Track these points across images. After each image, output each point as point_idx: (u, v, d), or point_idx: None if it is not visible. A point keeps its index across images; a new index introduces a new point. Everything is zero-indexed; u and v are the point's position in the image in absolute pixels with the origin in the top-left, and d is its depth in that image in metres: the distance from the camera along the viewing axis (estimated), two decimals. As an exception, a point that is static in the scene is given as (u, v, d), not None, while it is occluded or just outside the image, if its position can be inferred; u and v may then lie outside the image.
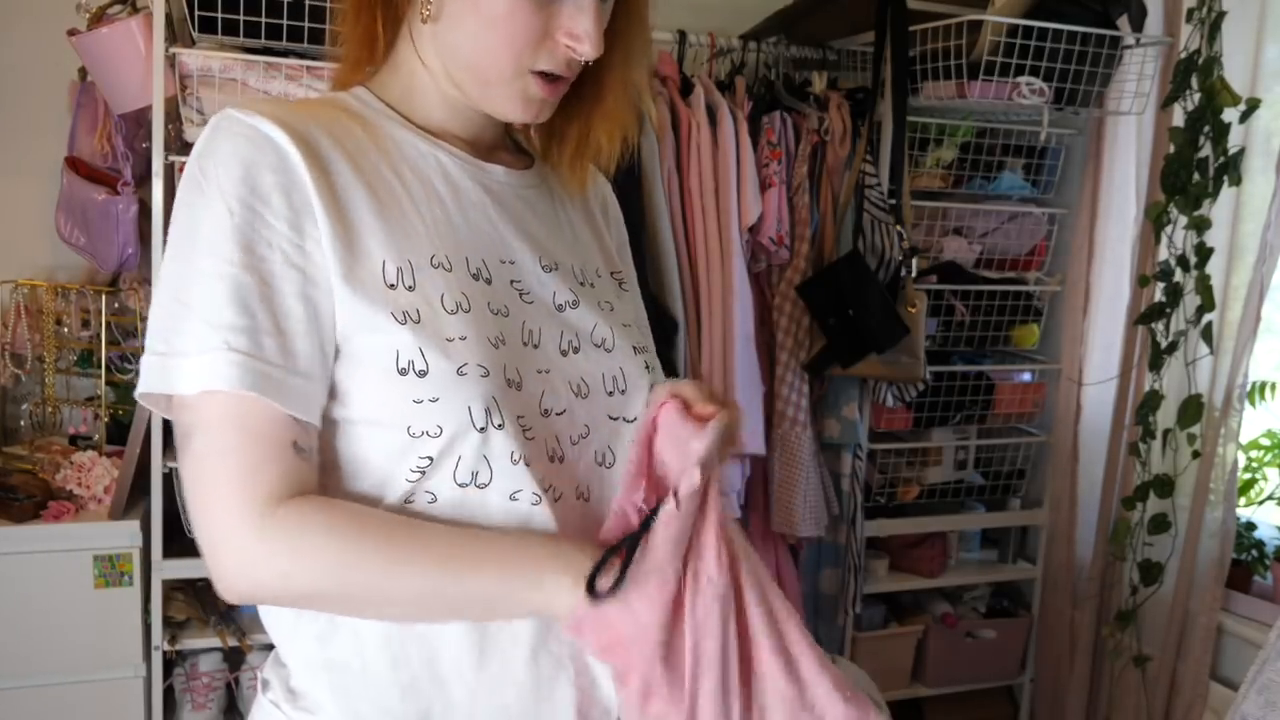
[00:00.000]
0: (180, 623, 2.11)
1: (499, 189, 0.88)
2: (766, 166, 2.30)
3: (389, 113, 0.87)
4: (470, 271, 0.82)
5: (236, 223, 0.74)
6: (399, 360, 0.77)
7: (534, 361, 0.83)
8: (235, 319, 0.73)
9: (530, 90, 0.83)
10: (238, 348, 0.73)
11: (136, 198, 2.11)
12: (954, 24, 2.19)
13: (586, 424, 0.86)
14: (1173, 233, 2.38)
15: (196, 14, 1.85)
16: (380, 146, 0.84)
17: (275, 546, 0.73)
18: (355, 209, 0.79)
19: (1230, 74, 2.27)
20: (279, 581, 0.74)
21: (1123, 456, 2.56)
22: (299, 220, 0.76)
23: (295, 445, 0.75)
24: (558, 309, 0.87)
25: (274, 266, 0.75)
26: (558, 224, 0.93)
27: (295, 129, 0.78)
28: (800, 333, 2.38)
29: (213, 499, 0.73)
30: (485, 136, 0.91)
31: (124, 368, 2.26)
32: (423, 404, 0.76)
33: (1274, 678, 1.86)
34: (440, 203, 0.84)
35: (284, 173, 0.76)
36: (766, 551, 2.49)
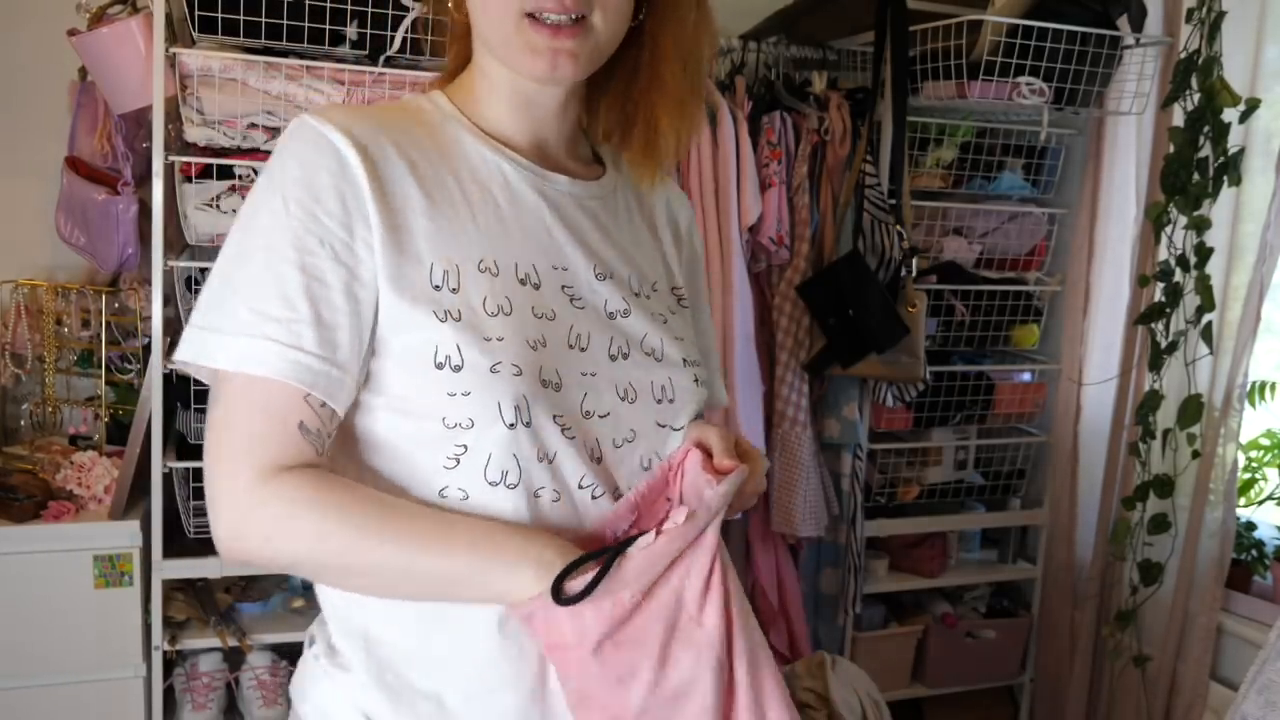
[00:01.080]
0: (180, 623, 2.11)
1: (558, 197, 0.91)
2: (766, 166, 2.30)
3: (459, 117, 0.90)
4: (518, 276, 0.85)
5: (291, 219, 0.79)
6: (437, 354, 0.80)
7: (579, 364, 0.86)
8: (274, 309, 0.78)
9: (533, 40, 0.83)
10: (271, 336, 0.77)
11: (136, 198, 2.11)
12: (954, 24, 2.19)
13: (633, 428, 0.88)
14: (1173, 233, 2.38)
15: (196, 14, 1.85)
16: (445, 153, 0.87)
17: (263, 513, 0.77)
18: (409, 213, 0.83)
19: (1230, 74, 2.27)
20: (263, 545, 0.78)
21: (1123, 456, 2.56)
22: (350, 221, 0.80)
23: (302, 425, 0.79)
24: (609, 316, 0.90)
25: (322, 262, 0.79)
26: (619, 235, 0.95)
27: (359, 136, 0.82)
28: (800, 333, 2.38)
29: (219, 464, 0.79)
30: (551, 143, 0.93)
31: (124, 368, 2.26)
32: (456, 397, 0.80)
33: (1274, 678, 1.86)
34: (496, 209, 0.87)
35: (341, 176, 0.80)
36: (766, 551, 2.49)
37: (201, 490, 2.00)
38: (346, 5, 1.91)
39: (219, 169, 1.94)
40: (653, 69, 0.90)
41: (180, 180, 1.94)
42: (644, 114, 0.92)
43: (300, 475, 0.78)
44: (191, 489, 2.02)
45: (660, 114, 0.91)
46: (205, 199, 1.95)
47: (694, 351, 0.96)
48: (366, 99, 1.95)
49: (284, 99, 1.93)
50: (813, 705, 2.33)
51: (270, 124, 1.94)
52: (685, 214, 1.06)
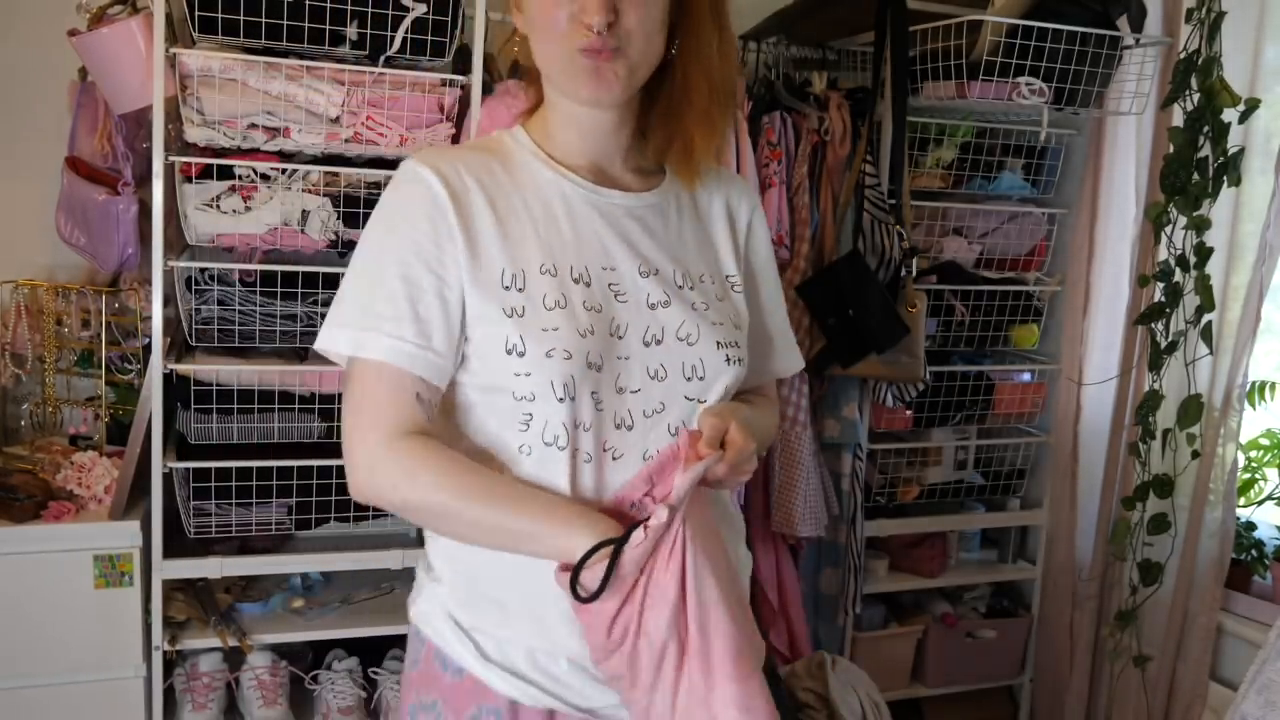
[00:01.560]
0: (180, 623, 2.11)
1: (609, 209, 1.11)
2: (766, 166, 2.30)
3: (532, 147, 1.12)
4: (573, 276, 1.06)
5: (394, 240, 1.05)
6: (507, 343, 1.03)
7: (617, 349, 1.06)
8: (381, 308, 1.03)
9: (580, 64, 1.03)
10: (378, 329, 1.02)
11: (137, 198, 2.11)
12: (954, 24, 2.19)
13: (662, 401, 1.08)
14: (1172, 233, 2.38)
15: (196, 14, 1.85)
16: (515, 179, 1.10)
17: (391, 466, 1.02)
18: (483, 231, 1.06)
19: (1230, 74, 2.27)
20: (389, 491, 1.03)
21: (1123, 456, 2.56)
22: (439, 240, 1.04)
23: (418, 397, 1.04)
24: (650, 307, 1.09)
25: (417, 272, 1.03)
26: (668, 236, 1.14)
27: (445, 173, 1.06)
28: (800, 333, 2.38)
29: (356, 427, 1.04)
30: (609, 161, 1.13)
31: (124, 368, 2.26)
32: (520, 376, 1.03)
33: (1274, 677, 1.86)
34: (555, 221, 1.09)
35: (433, 206, 1.04)
36: (766, 551, 2.49)
37: (200, 490, 2.01)
38: (346, 5, 1.91)
39: (219, 169, 1.94)
40: (685, 94, 1.09)
41: (180, 180, 1.94)
42: (681, 131, 1.10)
43: (420, 441, 1.02)
44: (192, 489, 2.02)
45: (693, 131, 1.10)
46: (205, 199, 1.95)
47: (732, 334, 1.13)
48: (366, 99, 1.96)
49: (284, 99, 1.93)
50: (813, 705, 2.33)
51: (270, 124, 1.94)
52: (746, 204, 1.24)
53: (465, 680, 1.10)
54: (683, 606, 0.97)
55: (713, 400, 1.11)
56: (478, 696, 1.09)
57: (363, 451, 1.03)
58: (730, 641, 0.98)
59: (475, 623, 1.10)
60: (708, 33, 1.09)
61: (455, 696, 1.11)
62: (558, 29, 1.03)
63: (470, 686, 1.10)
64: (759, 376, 1.25)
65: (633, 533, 0.96)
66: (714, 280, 1.16)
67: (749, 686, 0.98)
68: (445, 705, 1.11)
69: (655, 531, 0.96)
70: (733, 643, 0.98)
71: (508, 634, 1.09)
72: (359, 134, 1.97)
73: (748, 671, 0.98)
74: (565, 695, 1.08)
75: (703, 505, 1.01)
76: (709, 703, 0.97)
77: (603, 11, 1.00)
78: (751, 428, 1.07)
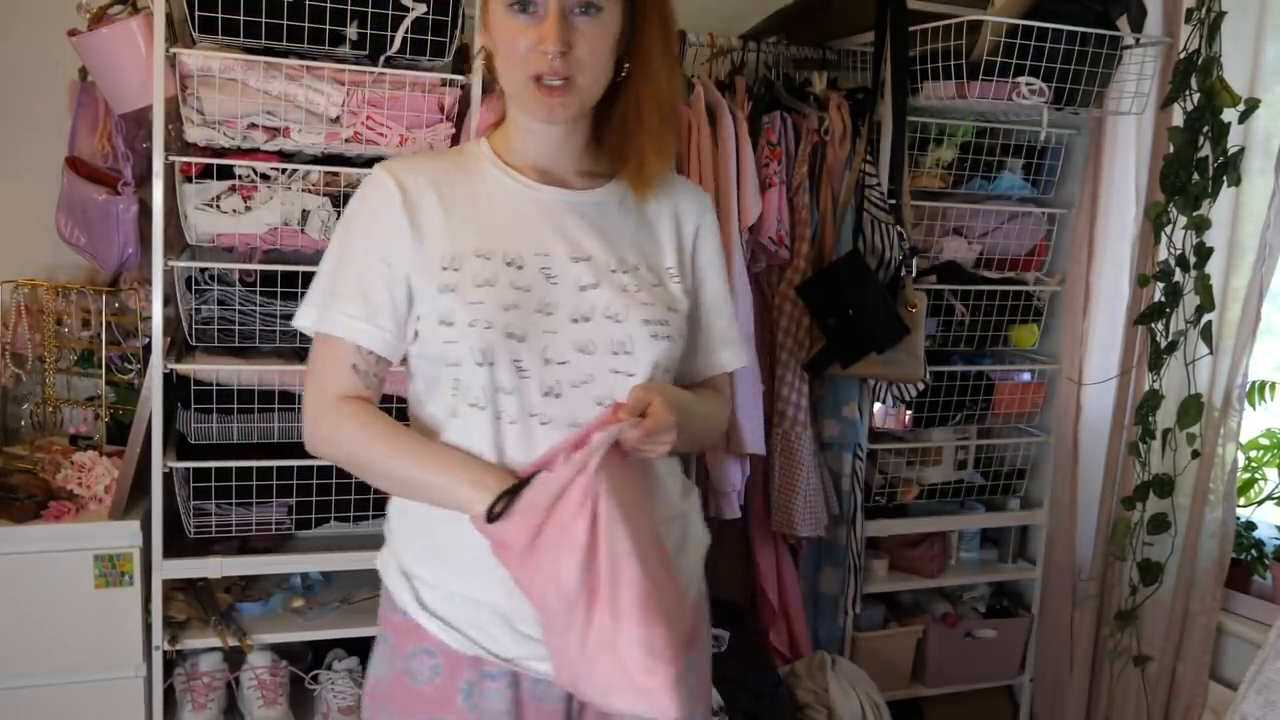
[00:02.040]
0: (180, 623, 2.11)
1: (550, 203, 1.25)
2: (766, 166, 2.30)
3: (490, 155, 1.27)
4: (505, 260, 1.20)
5: (353, 235, 1.23)
6: (439, 315, 1.18)
7: (544, 324, 1.19)
8: (338, 290, 1.21)
9: (534, 93, 1.17)
10: (333, 307, 1.21)
11: (137, 198, 2.11)
12: (954, 24, 2.19)
13: (590, 373, 1.20)
14: (1172, 233, 2.38)
15: (196, 14, 1.85)
16: (468, 180, 1.25)
17: (328, 423, 1.21)
18: (431, 222, 1.22)
19: (1230, 74, 2.27)
20: (325, 444, 1.23)
21: (1123, 456, 2.56)
22: (389, 232, 1.21)
23: (354, 367, 1.21)
24: (580, 289, 1.21)
25: (368, 260, 1.21)
26: (606, 229, 1.26)
27: (401, 177, 1.22)
28: (800, 333, 2.38)
29: (309, 389, 1.23)
30: (559, 166, 1.27)
31: (124, 368, 2.26)
32: (449, 344, 1.18)
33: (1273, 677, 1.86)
34: (497, 214, 1.23)
35: (386, 205, 1.21)
36: (766, 551, 2.49)
37: (201, 490, 2.01)
38: (346, 5, 1.91)
39: (219, 169, 1.94)
40: (638, 116, 1.22)
41: (180, 180, 1.94)
42: (634, 148, 1.24)
43: (356, 403, 1.21)
44: (192, 489, 2.02)
45: (645, 148, 1.23)
46: (205, 199, 1.95)
47: (661, 314, 1.24)
48: (366, 99, 1.96)
49: (284, 99, 1.93)
50: (813, 705, 2.33)
51: (270, 124, 1.94)
52: (695, 211, 1.34)
53: (408, 622, 1.24)
54: (593, 555, 1.06)
55: (642, 375, 1.21)
56: (417, 638, 1.23)
57: (310, 408, 1.22)
58: (639, 590, 1.06)
59: (416, 571, 1.25)
60: (658, 60, 1.21)
61: (400, 636, 1.25)
62: (518, 55, 1.16)
63: (411, 628, 1.24)
64: (705, 370, 1.36)
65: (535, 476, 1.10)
66: (650, 269, 1.27)
67: (655, 631, 1.06)
68: (394, 642, 1.26)
69: (558, 476, 1.07)
70: (641, 591, 1.06)
71: (442, 584, 1.22)
72: (359, 134, 1.97)
73: (655, 619, 1.06)
74: (489, 645, 1.20)
75: (624, 469, 1.12)
76: (616, 644, 1.06)
77: (558, 42, 1.13)
78: (681, 407, 1.17)
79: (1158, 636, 2.47)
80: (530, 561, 1.10)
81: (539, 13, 1.15)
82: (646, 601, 1.06)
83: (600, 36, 1.17)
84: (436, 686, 1.23)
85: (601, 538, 1.06)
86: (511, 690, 1.21)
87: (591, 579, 1.07)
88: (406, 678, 1.24)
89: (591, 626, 1.07)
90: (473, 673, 1.21)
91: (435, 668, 1.23)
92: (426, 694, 1.23)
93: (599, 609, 1.07)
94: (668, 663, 1.06)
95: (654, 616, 1.06)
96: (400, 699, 1.25)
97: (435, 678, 1.23)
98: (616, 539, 1.07)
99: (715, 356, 1.36)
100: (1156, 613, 2.48)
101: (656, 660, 1.05)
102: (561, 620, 1.09)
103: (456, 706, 1.22)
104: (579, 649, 1.08)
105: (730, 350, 1.37)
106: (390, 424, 1.21)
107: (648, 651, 1.05)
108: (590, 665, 1.08)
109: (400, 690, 1.25)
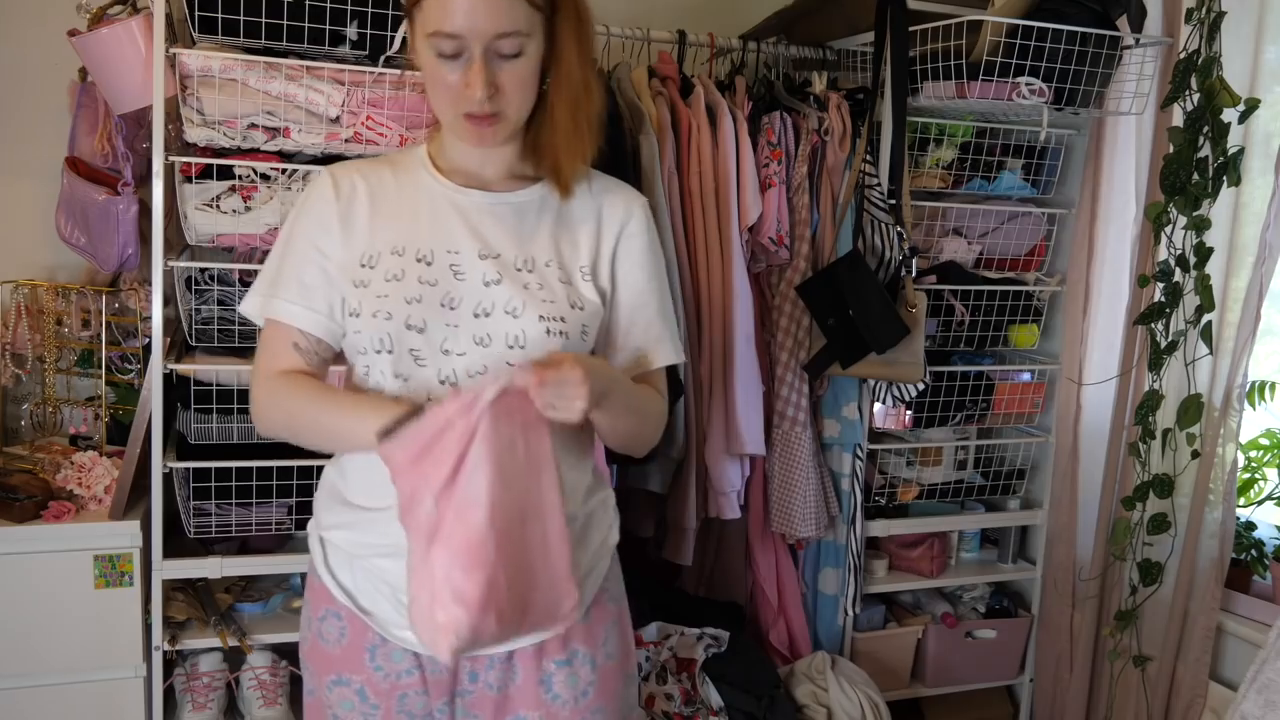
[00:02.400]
0: (180, 623, 2.11)
1: (466, 205, 1.33)
2: (766, 167, 2.30)
3: (423, 159, 1.36)
4: (417, 257, 1.28)
5: (294, 229, 1.33)
6: (352, 307, 1.28)
7: (446, 317, 1.26)
8: (279, 278, 1.31)
9: (464, 126, 1.25)
10: (273, 294, 1.31)
11: (137, 198, 2.11)
12: (954, 24, 2.19)
13: (485, 364, 1.27)
14: (1172, 233, 2.38)
15: (196, 14, 1.85)
16: (399, 182, 1.34)
17: (266, 393, 1.31)
18: (359, 222, 1.31)
19: (1230, 74, 2.27)
20: (265, 416, 1.32)
21: (1122, 456, 2.55)
22: (324, 225, 1.31)
23: (295, 345, 1.31)
24: (485, 285, 1.28)
25: (305, 249, 1.31)
26: (520, 229, 1.33)
27: (338, 178, 1.32)
28: (800, 333, 2.38)
29: (254, 369, 1.33)
30: (486, 171, 1.34)
31: (124, 368, 2.26)
32: (357, 333, 1.27)
33: (1273, 677, 1.86)
34: (417, 214, 1.32)
35: (323, 202, 1.31)
36: (766, 551, 2.49)
37: (201, 490, 2.01)
38: (346, 5, 1.91)
39: (219, 169, 1.94)
40: (553, 123, 1.29)
41: (180, 180, 1.94)
42: (550, 151, 1.31)
43: (288, 374, 1.30)
44: (192, 489, 2.02)
45: (560, 151, 1.30)
46: (205, 199, 1.95)
47: (561, 312, 1.29)
48: (366, 99, 1.96)
49: (284, 99, 1.93)
50: (812, 705, 2.33)
51: (270, 124, 1.94)
52: (621, 213, 1.39)
53: (321, 585, 1.34)
54: (449, 494, 1.12)
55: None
56: (326, 601, 1.33)
57: (255, 386, 1.32)
58: (474, 536, 1.11)
59: (329, 538, 1.34)
60: (574, 71, 1.26)
61: (315, 598, 1.35)
62: (447, 93, 1.23)
63: (323, 591, 1.33)
64: (635, 366, 1.40)
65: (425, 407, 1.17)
66: (561, 267, 1.33)
67: (472, 577, 1.11)
68: (311, 604, 1.36)
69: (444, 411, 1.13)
70: (476, 538, 1.11)
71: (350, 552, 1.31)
72: (359, 134, 1.98)
73: (477, 567, 1.11)
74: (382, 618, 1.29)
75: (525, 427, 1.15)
76: (434, 578, 1.12)
77: (485, 88, 1.20)
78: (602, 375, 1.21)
79: (1158, 636, 2.47)
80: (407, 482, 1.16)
81: (465, 57, 1.20)
82: (476, 550, 1.11)
83: (525, 72, 1.23)
84: (344, 648, 1.31)
85: (461, 479, 1.12)
86: (413, 652, 1.30)
87: (440, 515, 1.13)
88: (318, 639, 1.34)
89: (427, 558, 1.14)
90: (375, 635, 1.30)
91: (341, 630, 1.32)
92: (335, 655, 1.32)
93: (437, 545, 1.13)
94: (467, 608, 1.10)
95: (477, 564, 1.11)
96: (315, 658, 1.35)
97: (341, 639, 1.32)
98: (474, 485, 1.12)
99: (640, 354, 1.40)
100: (1156, 613, 2.48)
101: (457, 604, 1.10)
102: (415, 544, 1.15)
103: (364, 666, 1.31)
104: (409, 563, 1.16)
105: (656, 348, 1.40)
106: (315, 383, 1.30)
107: (453, 593, 1.11)
108: (415, 585, 1.15)
109: (316, 650, 1.34)
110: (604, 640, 1.36)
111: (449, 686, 1.32)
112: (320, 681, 1.34)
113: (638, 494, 2.38)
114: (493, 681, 1.31)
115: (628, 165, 2.13)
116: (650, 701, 2.15)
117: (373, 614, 1.30)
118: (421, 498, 1.13)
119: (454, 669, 1.31)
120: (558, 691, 1.32)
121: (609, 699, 1.37)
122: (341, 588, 1.32)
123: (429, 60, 1.22)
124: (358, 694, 1.31)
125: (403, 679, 1.30)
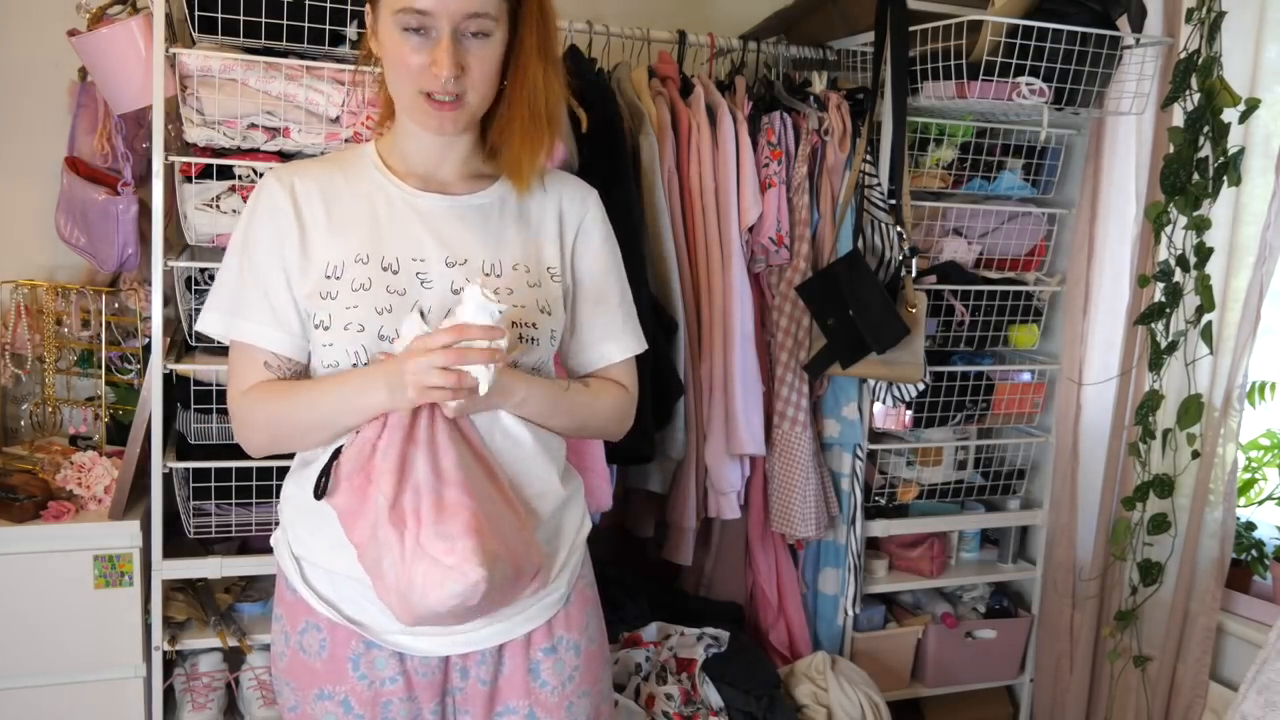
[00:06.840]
0: (180, 623, 2.11)
1: (427, 209, 1.31)
2: (766, 167, 2.30)
3: (375, 159, 1.33)
4: (383, 265, 1.27)
5: (246, 240, 1.30)
6: (320, 320, 1.26)
7: None
8: (239, 294, 1.29)
9: (425, 108, 1.23)
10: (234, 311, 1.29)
11: (136, 198, 2.11)
12: (954, 24, 2.19)
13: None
14: (1172, 233, 2.38)
15: (196, 14, 1.85)
16: (352, 185, 1.32)
17: (243, 412, 1.30)
18: (315, 230, 1.29)
19: (1230, 74, 2.27)
20: (246, 431, 1.30)
21: (1123, 456, 2.55)
22: (281, 237, 1.28)
23: (265, 364, 1.29)
24: (454, 292, 1.27)
25: (268, 264, 1.28)
26: (485, 232, 1.32)
27: (292, 184, 1.29)
28: (800, 333, 2.38)
29: (229, 391, 1.31)
30: (443, 171, 1.33)
31: (124, 368, 2.26)
32: (327, 346, 1.26)
33: (1273, 678, 1.86)
34: (377, 220, 1.29)
35: (277, 211, 1.28)
36: (766, 551, 2.49)
37: (200, 490, 2.01)
38: (346, 5, 1.91)
39: (219, 169, 1.94)
40: (511, 118, 1.28)
41: (180, 180, 1.94)
42: (509, 147, 1.29)
43: (256, 388, 1.29)
44: (192, 489, 2.02)
45: (519, 147, 1.28)
46: (205, 199, 1.95)
47: (530, 316, 1.30)
48: (366, 99, 1.96)
49: (284, 99, 1.93)
50: (812, 705, 2.33)
51: (270, 124, 1.94)
52: (579, 207, 1.39)
53: (297, 599, 1.33)
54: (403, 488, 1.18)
55: None
56: (305, 613, 1.32)
57: (232, 407, 1.30)
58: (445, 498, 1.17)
59: (301, 551, 1.33)
60: (534, 68, 1.26)
61: (291, 613, 1.34)
62: (410, 72, 1.21)
63: (300, 605, 1.33)
64: (592, 362, 1.41)
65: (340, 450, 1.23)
66: (529, 269, 1.33)
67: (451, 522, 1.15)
68: (287, 619, 1.35)
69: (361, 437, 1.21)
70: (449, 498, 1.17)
71: (324, 562, 1.31)
72: (359, 134, 1.97)
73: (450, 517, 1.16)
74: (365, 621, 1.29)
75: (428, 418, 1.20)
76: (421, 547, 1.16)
77: (452, 67, 1.19)
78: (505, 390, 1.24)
79: (1158, 636, 2.47)
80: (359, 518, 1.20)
81: (432, 35, 1.19)
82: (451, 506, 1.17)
83: (490, 56, 1.22)
84: (325, 660, 1.31)
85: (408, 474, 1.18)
86: (396, 658, 1.29)
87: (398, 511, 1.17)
88: (299, 652, 1.33)
89: (404, 546, 1.17)
90: (357, 643, 1.29)
91: (322, 642, 1.31)
92: (318, 668, 1.31)
93: (408, 532, 1.17)
94: (463, 537, 1.14)
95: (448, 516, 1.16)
96: (297, 673, 1.33)
97: (323, 651, 1.31)
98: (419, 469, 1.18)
99: (599, 349, 1.41)
100: (1156, 613, 2.48)
101: (453, 540, 1.14)
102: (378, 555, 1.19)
103: (347, 676, 1.30)
104: (398, 570, 1.17)
105: (613, 343, 1.41)
106: (288, 382, 1.29)
107: (444, 537, 1.15)
108: (410, 577, 1.16)
109: (296, 665, 1.33)
110: (586, 625, 1.40)
111: (440, 686, 1.31)
112: (304, 696, 1.33)
113: (638, 494, 2.38)
114: (484, 676, 1.32)
115: (628, 165, 2.13)
116: (650, 701, 2.15)
117: (362, 622, 1.29)
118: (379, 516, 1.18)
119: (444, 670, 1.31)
120: (545, 679, 1.34)
121: (592, 682, 1.40)
122: (323, 599, 1.31)
123: (393, 38, 1.21)
124: (342, 705, 1.30)
125: (386, 687, 1.30)
